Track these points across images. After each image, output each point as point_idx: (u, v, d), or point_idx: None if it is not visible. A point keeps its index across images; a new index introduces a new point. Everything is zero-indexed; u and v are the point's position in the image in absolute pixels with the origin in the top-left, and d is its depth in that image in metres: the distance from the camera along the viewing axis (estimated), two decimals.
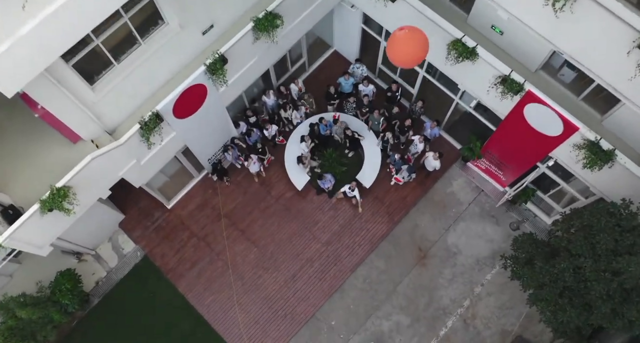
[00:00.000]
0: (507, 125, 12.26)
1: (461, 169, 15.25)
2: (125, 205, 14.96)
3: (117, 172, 11.03)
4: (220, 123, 13.00)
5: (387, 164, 14.97)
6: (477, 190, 15.01)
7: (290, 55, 14.86)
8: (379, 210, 14.81)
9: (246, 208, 14.90)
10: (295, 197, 14.98)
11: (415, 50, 9.32)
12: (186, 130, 11.80)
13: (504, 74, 10.98)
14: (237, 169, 15.21)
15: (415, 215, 14.80)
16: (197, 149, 13.07)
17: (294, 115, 14.62)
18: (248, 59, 11.83)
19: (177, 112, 10.99)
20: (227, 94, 12.17)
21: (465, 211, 14.81)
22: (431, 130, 14.27)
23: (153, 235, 14.71)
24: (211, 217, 14.83)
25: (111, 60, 10.12)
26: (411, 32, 9.18)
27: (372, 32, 14.18)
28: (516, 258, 11.40)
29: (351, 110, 14.86)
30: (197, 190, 15.13)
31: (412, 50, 9.30)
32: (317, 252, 14.45)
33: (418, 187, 15.02)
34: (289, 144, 14.89)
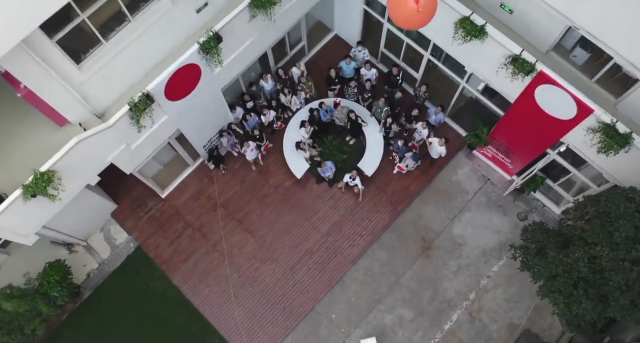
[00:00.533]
0: (517, 109, 11.68)
1: (467, 157, 14.68)
2: (117, 194, 14.40)
3: (105, 157, 10.46)
4: (216, 107, 12.42)
5: (389, 151, 14.40)
6: (483, 179, 14.45)
7: (289, 38, 14.26)
8: (381, 199, 14.25)
9: (243, 197, 14.34)
10: (294, 186, 14.42)
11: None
12: (179, 114, 11.22)
13: (514, 53, 10.39)
14: (234, 157, 14.65)
15: (419, 205, 14.24)
16: (192, 134, 12.49)
17: (293, 101, 14.04)
18: (244, 38, 11.24)
19: (169, 93, 10.42)
20: (223, 76, 11.58)
21: (471, 201, 14.25)
22: (435, 115, 13.68)
23: (147, 226, 14.15)
24: (207, 207, 14.28)
25: (99, 37, 9.54)
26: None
27: (375, 13, 13.57)
28: (526, 248, 10.86)
29: (353, 95, 14.27)
30: (193, 179, 14.56)
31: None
32: (317, 243, 13.89)
33: (422, 176, 14.45)
34: (287, 130, 14.31)
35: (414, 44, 13.27)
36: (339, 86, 14.35)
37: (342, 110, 13.74)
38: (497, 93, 12.80)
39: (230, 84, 13.12)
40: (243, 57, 11.67)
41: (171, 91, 10.39)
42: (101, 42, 9.62)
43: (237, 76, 13.21)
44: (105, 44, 9.67)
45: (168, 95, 10.43)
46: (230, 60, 11.33)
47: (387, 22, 13.38)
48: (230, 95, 13.88)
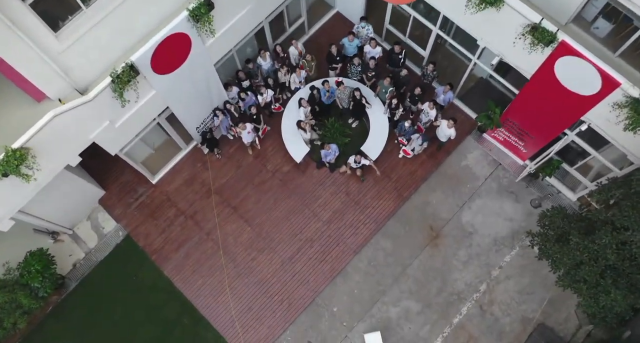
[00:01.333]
0: (533, 85, 10.79)
1: (476, 141, 13.81)
2: (105, 179, 13.55)
3: (86, 135, 9.60)
4: (209, 84, 11.53)
5: (395, 134, 13.53)
6: (495, 164, 13.58)
7: (287, 13, 13.36)
8: (385, 185, 13.39)
9: (239, 183, 13.48)
10: (293, 172, 13.56)
11: None
12: (168, 89, 10.34)
13: (533, 22, 9.50)
14: (230, 140, 13.79)
15: (426, 191, 13.39)
16: (182, 114, 11.61)
17: (292, 79, 13.15)
18: (239, 7, 10.38)
19: (157, 65, 9.55)
20: (216, 49, 10.71)
21: (482, 187, 13.39)
22: (444, 95, 12.79)
23: (136, 213, 13.30)
24: (200, 193, 13.42)
25: (78, 3, 8.67)
26: None
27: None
28: (545, 235, 10.00)
29: (356, 74, 13.37)
30: (185, 163, 13.70)
31: None
32: (318, 232, 13.05)
33: (429, 161, 13.59)
34: (286, 112, 13.44)
35: (422, 18, 12.37)
36: (341, 65, 13.46)
37: (344, 90, 12.85)
38: (511, 69, 11.91)
39: (224, 59, 12.27)
40: (237, 28, 10.79)
41: (158, 63, 9.52)
42: (81, 9, 8.77)
43: (232, 52, 12.35)
44: (85, 10, 8.82)
45: (155, 68, 9.56)
46: (224, 31, 10.47)
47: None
48: (225, 74, 13.02)
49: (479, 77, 13.97)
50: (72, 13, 8.80)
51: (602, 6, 9.93)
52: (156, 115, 10.84)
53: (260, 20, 11.36)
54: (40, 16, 8.36)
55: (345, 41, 13.23)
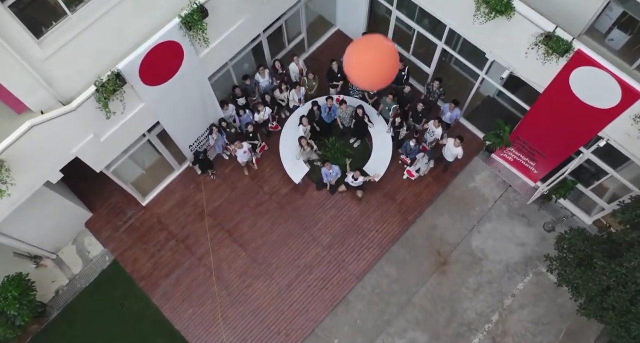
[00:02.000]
0: (546, 99, 10.18)
1: (485, 162, 13.13)
2: (93, 201, 12.82)
3: (68, 148, 8.91)
4: (203, 99, 10.93)
5: (398, 154, 12.89)
6: (504, 186, 12.87)
7: (287, 29, 12.90)
8: (389, 208, 12.64)
9: (234, 205, 12.74)
10: (291, 193, 12.84)
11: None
12: (158, 102, 9.73)
13: (546, 30, 8.95)
14: (225, 160, 13.14)
15: (432, 215, 12.63)
16: (174, 130, 10.97)
17: (291, 96, 12.56)
18: (235, 17, 9.85)
19: (146, 76, 8.95)
20: (210, 60, 10.14)
21: (491, 210, 12.65)
22: (451, 112, 12.18)
23: (124, 237, 12.52)
24: (193, 216, 12.67)
25: (64, 8, 8.13)
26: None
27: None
28: (564, 259, 9.20)
29: (357, 91, 12.81)
30: (178, 184, 13.00)
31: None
32: (317, 257, 12.23)
33: (435, 182, 12.88)
34: (284, 130, 12.81)
35: (427, 32, 11.88)
36: (342, 82, 12.90)
37: (346, 109, 12.24)
38: (521, 85, 11.37)
39: (220, 74, 11.74)
40: (233, 40, 10.24)
41: (148, 73, 8.93)
42: (67, 15, 8.22)
43: (228, 66, 11.83)
44: (71, 16, 8.26)
45: (144, 78, 8.96)
46: (219, 42, 9.91)
47: (397, 9, 12.02)
48: (221, 91, 12.46)
49: (486, 95, 13.45)
50: (56, 19, 8.25)
51: (618, 16, 9.42)
52: (145, 130, 10.19)
53: (258, 32, 10.84)
54: (20, 20, 7.81)
55: None
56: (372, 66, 7.31)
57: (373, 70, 7.33)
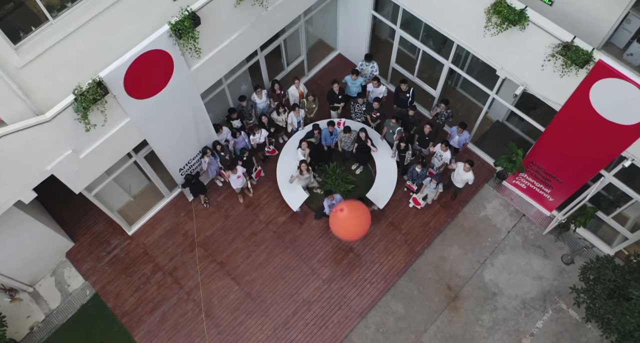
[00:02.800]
0: (564, 117, 9.46)
1: (495, 189, 12.31)
2: (76, 229, 11.92)
3: (43, 165, 8.09)
4: (195, 118, 10.21)
5: (403, 181, 12.09)
6: (518, 215, 12.00)
7: (286, 50, 12.37)
8: (395, 239, 11.73)
9: (227, 235, 11.83)
10: (289, 222, 11.95)
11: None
12: (145, 118, 8.99)
13: (564, 40, 8.31)
14: (218, 187, 12.33)
15: (441, 246, 11.70)
16: (163, 150, 10.19)
17: (290, 119, 11.86)
18: (230, 29, 9.25)
19: (131, 87, 8.25)
20: (203, 75, 9.47)
21: (505, 240, 11.72)
22: (459, 136, 11.45)
23: (108, 269, 11.54)
24: (182, 247, 11.73)
25: (45, 14, 7.53)
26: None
27: (385, 19, 11.73)
28: (592, 290, 8.24)
29: (360, 114, 12.12)
30: (167, 212, 12.12)
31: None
32: (317, 292, 11.22)
33: (443, 211, 12.01)
34: (282, 155, 12.04)
35: (432, 52, 11.31)
36: (343, 104, 12.24)
37: (349, 135, 11.49)
38: (534, 107, 10.75)
39: (214, 93, 11.10)
40: (228, 54, 9.61)
41: (133, 84, 8.23)
42: (48, 21, 7.61)
43: (223, 86, 11.19)
44: (53, 23, 7.64)
45: (130, 90, 8.26)
46: (213, 55, 9.27)
47: (400, 28, 11.50)
48: (215, 113, 11.79)
49: (495, 120, 12.79)
50: (36, 25, 7.63)
51: (637, 30, 8.85)
52: (131, 149, 9.40)
53: (254, 48, 10.24)
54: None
55: (348, 79, 12.10)
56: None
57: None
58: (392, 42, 12.27)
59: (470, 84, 12.04)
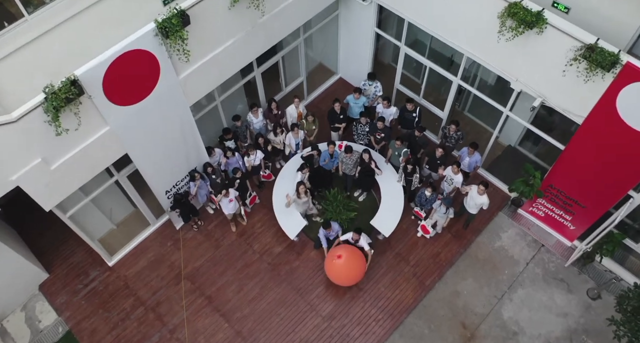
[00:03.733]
0: (587, 131, 8.62)
1: (510, 218, 11.32)
2: (52, 259, 10.87)
3: (7, 174, 7.17)
4: (183, 133, 9.38)
5: (410, 208, 11.14)
6: (536, 245, 10.96)
7: (284, 69, 11.72)
8: (402, 271, 10.64)
9: (217, 267, 10.75)
10: (286, 253, 10.90)
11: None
12: (127, 128, 8.16)
13: (586, 43, 7.60)
14: (209, 215, 11.36)
15: (453, 279, 10.60)
16: (147, 168, 9.28)
17: (287, 140, 11.04)
18: (223, 35, 8.58)
19: (111, 91, 7.46)
20: (193, 85, 8.71)
21: (523, 273, 10.63)
22: (469, 157, 10.59)
23: (84, 303, 10.39)
24: (167, 279, 10.63)
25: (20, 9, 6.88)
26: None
27: (389, 36, 11.13)
28: (633, 322, 7.12)
29: (363, 135, 11.30)
30: (152, 242, 11.09)
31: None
32: (316, 330, 10.03)
33: (454, 241, 10.99)
34: (279, 180, 11.14)
35: (440, 68, 10.64)
36: (344, 125, 11.46)
37: (351, 156, 10.64)
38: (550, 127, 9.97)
39: (206, 110, 10.33)
40: (221, 63, 8.90)
41: (114, 88, 7.45)
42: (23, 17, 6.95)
43: (216, 102, 10.44)
44: (28, 19, 6.98)
45: (109, 94, 7.47)
46: (204, 63, 8.55)
47: (404, 45, 10.88)
48: (208, 135, 10.96)
49: (507, 145, 11.98)
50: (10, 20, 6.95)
51: None
52: (109, 163, 8.48)
53: (250, 59, 9.55)
54: None
55: (350, 99, 11.38)
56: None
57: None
58: (396, 66, 11.68)
59: (479, 107, 11.37)
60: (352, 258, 9.73)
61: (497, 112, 10.34)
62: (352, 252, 9.81)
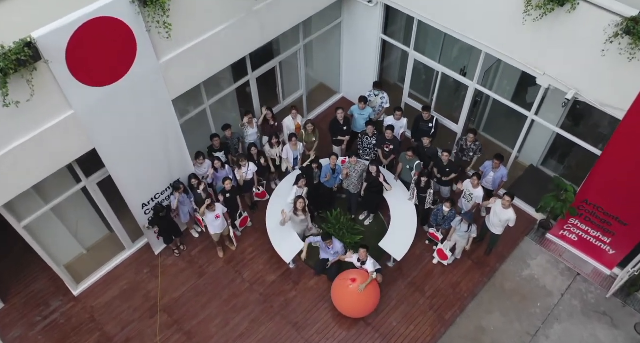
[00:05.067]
0: (630, 128, 7.42)
1: (539, 243, 9.90)
2: (10, 287, 9.34)
3: None
4: (164, 131, 8.16)
5: (424, 231, 9.75)
6: (571, 274, 9.47)
7: (282, 79, 10.73)
8: (417, 303, 9.08)
9: (200, 297, 9.20)
10: (280, 282, 9.38)
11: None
12: (95, 115, 6.96)
13: (627, 16, 6.58)
14: (194, 239, 9.96)
15: (477, 312, 9.02)
16: (119, 171, 7.95)
17: (284, 153, 9.84)
18: (212, 18, 7.59)
19: (77, 65, 6.33)
20: (176, 72, 7.60)
21: (559, 306, 9.07)
22: (494, 172, 9.31)
23: (41, 338, 8.74)
24: (141, 311, 9.04)
25: None
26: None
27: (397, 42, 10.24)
28: None
29: (369, 149, 10.07)
30: (127, 268, 9.60)
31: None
32: None
33: (476, 269, 9.51)
34: (274, 197, 9.82)
35: (454, 73, 9.64)
36: (348, 137, 10.31)
37: (355, 164, 9.38)
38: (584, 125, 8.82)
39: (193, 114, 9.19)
40: (210, 53, 7.86)
41: (80, 62, 6.34)
42: None
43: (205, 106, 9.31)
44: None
45: (74, 69, 6.34)
46: (189, 48, 7.50)
47: (413, 49, 9.96)
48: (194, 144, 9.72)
49: (529, 164, 10.78)
50: None
51: None
52: (73, 158, 7.17)
53: (244, 53, 8.53)
54: None
55: (355, 109, 10.31)
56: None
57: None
58: (403, 86, 10.77)
59: (495, 124, 10.36)
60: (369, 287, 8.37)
61: (515, 127, 9.29)
62: (365, 277, 8.39)
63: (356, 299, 8.40)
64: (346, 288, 8.41)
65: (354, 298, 8.39)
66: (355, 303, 8.49)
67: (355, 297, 8.37)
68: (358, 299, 8.40)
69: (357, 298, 8.37)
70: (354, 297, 8.38)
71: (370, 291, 8.42)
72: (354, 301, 8.45)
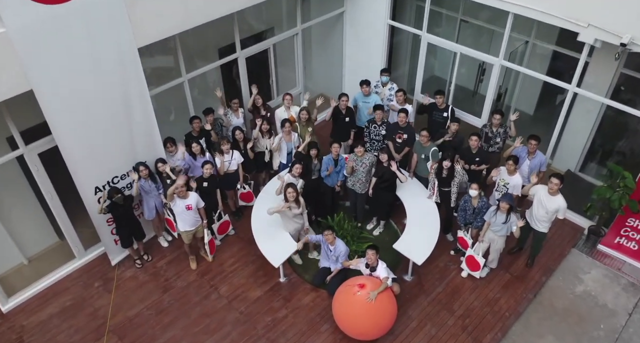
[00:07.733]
0: None
1: (589, 255, 7.97)
2: None
3: None
4: (127, 91, 6.57)
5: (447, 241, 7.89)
6: (635, 290, 7.46)
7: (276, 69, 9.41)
8: (445, 323, 6.99)
9: (162, 316, 7.10)
10: (267, 299, 7.33)
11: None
12: (35, 39, 5.42)
13: None
14: (162, 249, 8.03)
15: (524, 336, 6.91)
16: (65, 134, 6.20)
17: (276, 141, 8.19)
18: None
19: None
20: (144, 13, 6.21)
21: (628, 328, 6.98)
22: (530, 159, 7.62)
23: None
24: (84, 332, 6.90)
25: None
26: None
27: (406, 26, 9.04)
28: None
29: (378, 142, 8.45)
30: (74, 281, 7.57)
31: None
32: None
33: (517, 283, 7.51)
34: (262, 194, 8.03)
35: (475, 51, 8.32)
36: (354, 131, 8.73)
37: (362, 157, 7.68)
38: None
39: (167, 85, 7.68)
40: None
41: None
42: None
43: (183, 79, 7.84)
44: None
45: None
46: None
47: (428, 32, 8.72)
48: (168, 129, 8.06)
49: (566, 170, 9.13)
50: None
51: None
52: (1, 97, 5.54)
53: (228, 10, 7.18)
54: None
55: (359, 97, 8.85)
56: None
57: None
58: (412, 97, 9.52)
59: (521, 127, 8.87)
60: (379, 294, 6.33)
61: (544, 130, 7.84)
62: (377, 284, 6.43)
63: (366, 311, 6.34)
64: (352, 296, 6.39)
65: (362, 309, 6.33)
66: (364, 317, 6.40)
67: (365, 308, 6.31)
68: (368, 311, 6.33)
69: (366, 309, 6.31)
70: (362, 308, 6.32)
71: (385, 302, 6.40)
72: (362, 314, 6.37)
